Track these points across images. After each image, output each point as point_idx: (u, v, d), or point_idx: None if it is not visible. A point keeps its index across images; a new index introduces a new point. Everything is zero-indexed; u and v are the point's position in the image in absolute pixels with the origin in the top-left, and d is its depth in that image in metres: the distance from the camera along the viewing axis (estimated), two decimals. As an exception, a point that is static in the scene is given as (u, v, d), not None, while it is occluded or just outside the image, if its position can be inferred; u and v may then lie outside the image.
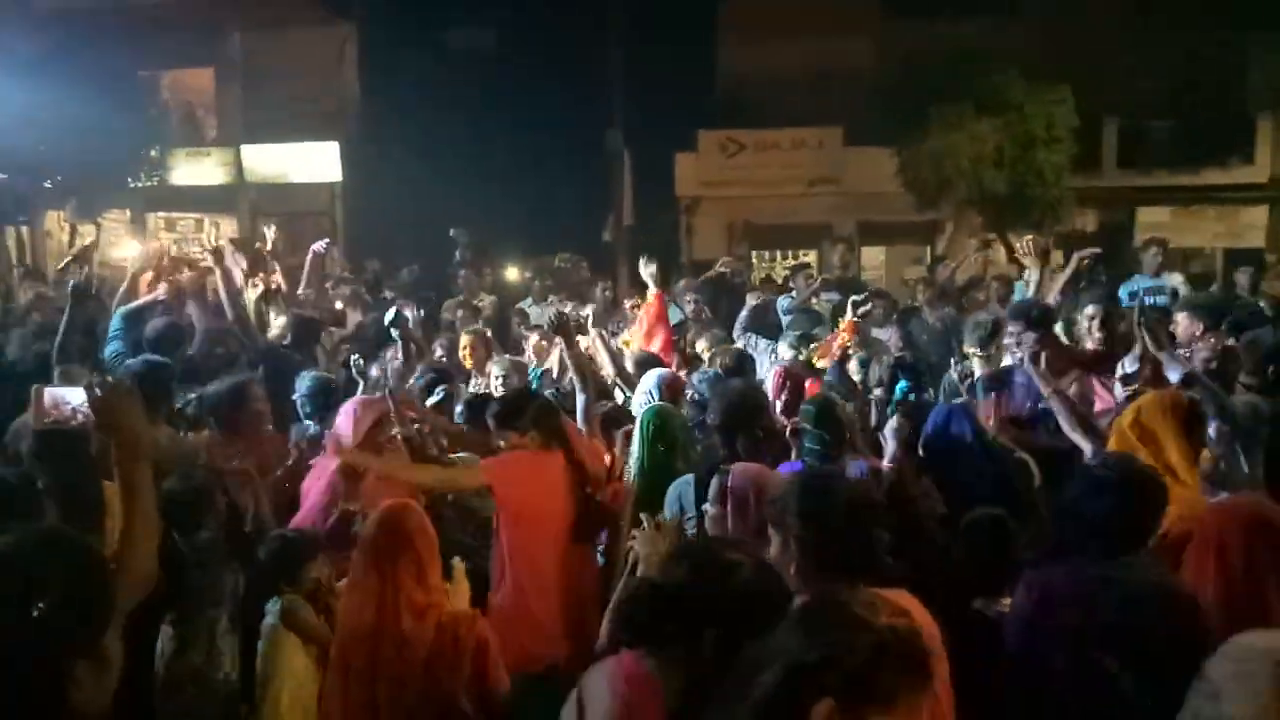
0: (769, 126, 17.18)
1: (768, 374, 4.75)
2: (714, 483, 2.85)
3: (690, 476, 3.19)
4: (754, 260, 18.48)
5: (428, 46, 17.77)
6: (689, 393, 4.38)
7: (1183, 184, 16.42)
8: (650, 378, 4.17)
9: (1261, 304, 6.27)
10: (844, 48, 17.28)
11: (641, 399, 4.11)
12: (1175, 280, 7.00)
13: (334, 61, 17.84)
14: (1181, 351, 4.19)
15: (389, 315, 5.00)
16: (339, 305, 7.96)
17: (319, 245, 7.21)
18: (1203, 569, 2.42)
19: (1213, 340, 4.31)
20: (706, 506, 2.86)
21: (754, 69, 17.50)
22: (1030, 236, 6.15)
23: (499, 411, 3.68)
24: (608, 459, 3.86)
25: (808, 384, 4.56)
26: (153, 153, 14.93)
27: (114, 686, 1.68)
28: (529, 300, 7.97)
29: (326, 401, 4.31)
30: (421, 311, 7.00)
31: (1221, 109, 16.52)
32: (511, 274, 10.94)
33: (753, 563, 1.90)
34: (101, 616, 1.67)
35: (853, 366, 4.97)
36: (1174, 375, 3.68)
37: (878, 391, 4.56)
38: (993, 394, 4.22)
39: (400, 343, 4.92)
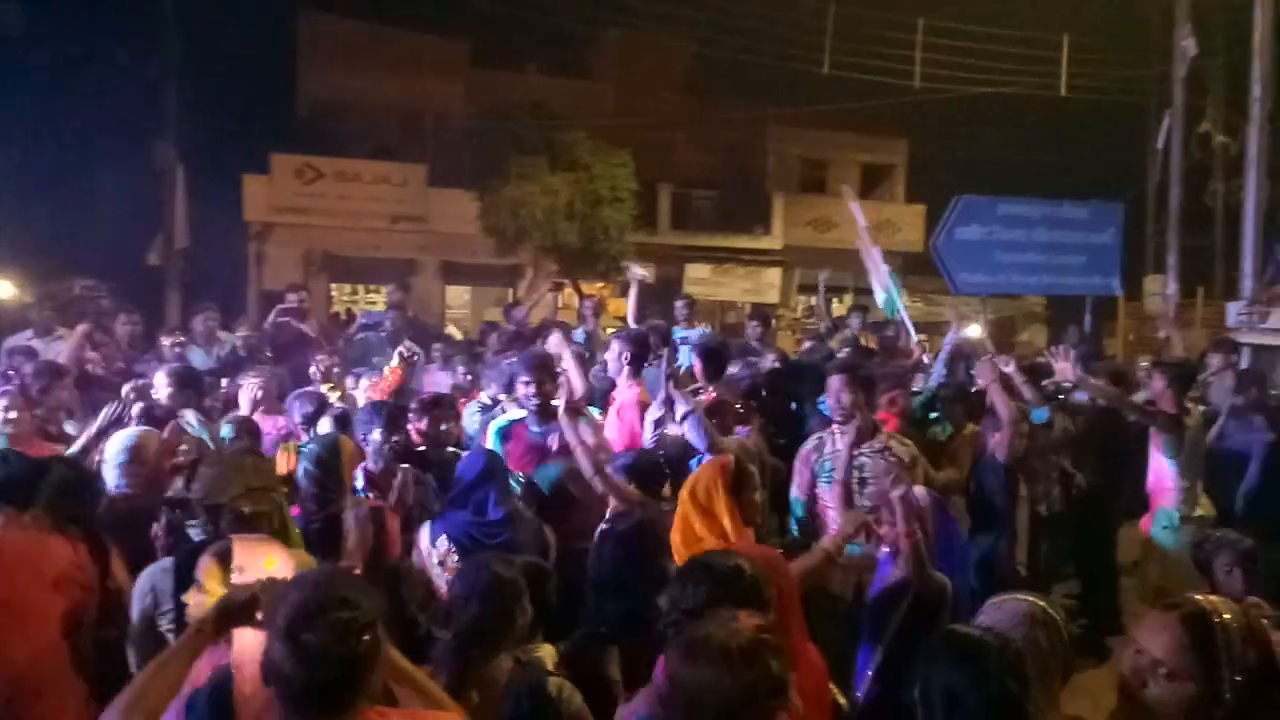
0: (353, 156, 16.68)
1: None
2: (203, 563, 2.49)
3: (168, 561, 2.76)
4: (333, 292, 17.71)
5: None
6: None
7: (719, 245, 19.14)
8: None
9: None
10: (433, 89, 17.46)
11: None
12: (699, 330, 8.04)
13: None
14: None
15: None
16: None
17: None
18: None
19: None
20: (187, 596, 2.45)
21: (338, 97, 16.93)
22: (595, 290, 6.67)
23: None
24: None
25: None
26: None
27: None
28: (29, 334, 6.62)
29: None
30: None
31: (748, 185, 19.69)
32: (4, 291, 8.89)
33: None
34: None
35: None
36: (680, 407, 4.18)
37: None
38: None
39: None
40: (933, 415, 5.74)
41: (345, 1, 17.13)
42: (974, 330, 7.98)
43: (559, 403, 4.08)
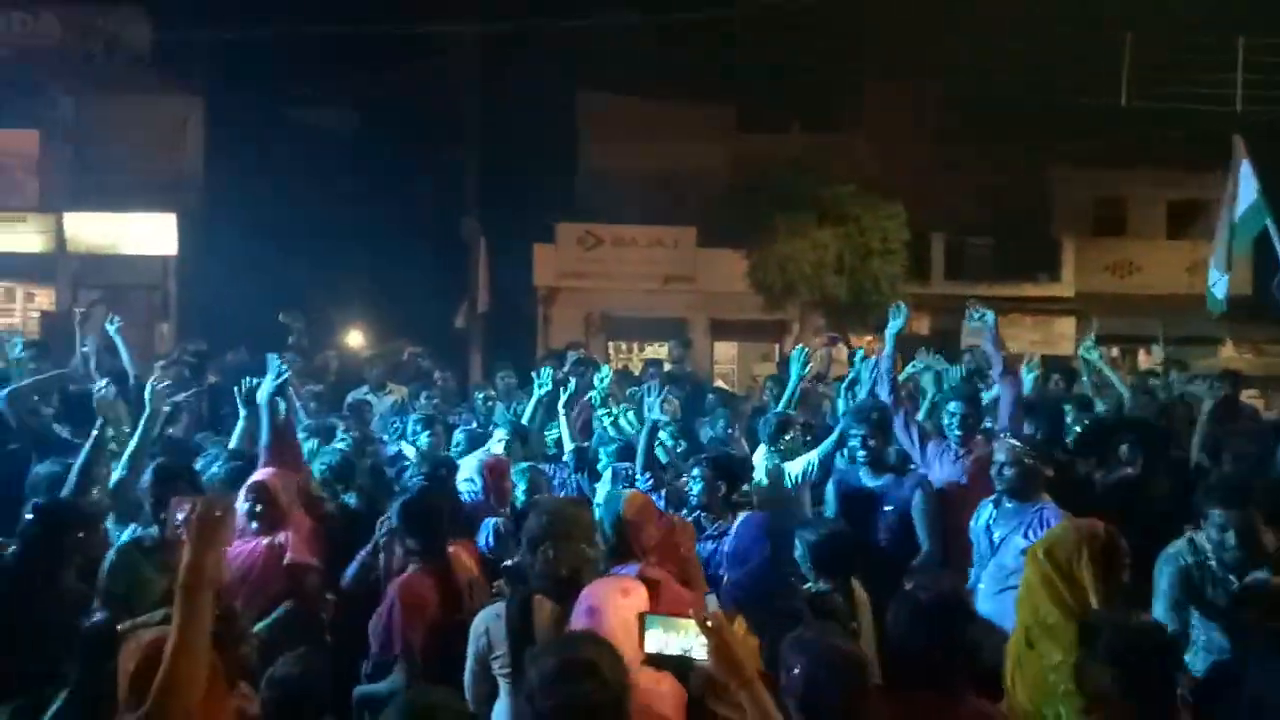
0: (627, 222, 17.60)
1: None
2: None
3: (500, 606, 2.87)
4: (610, 351, 18.64)
5: (279, 123, 17.27)
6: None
7: (1001, 295, 17.81)
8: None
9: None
10: (700, 152, 18.06)
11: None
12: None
13: (175, 132, 17.04)
14: None
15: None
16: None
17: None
18: None
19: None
20: None
21: (613, 166, 18.00)
22: (865, 343, 6.45)
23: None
24: None
25: None
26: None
27: None
28: (365, 389, 7.58)
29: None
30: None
31: (1032, 230, 18.31)
32: (355, 340, 10.34)
33: None
34: None
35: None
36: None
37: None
38: None
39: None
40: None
41: (619, 79, 18.30)
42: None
43: None
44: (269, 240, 14.17)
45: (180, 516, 2.07)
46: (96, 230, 16.44)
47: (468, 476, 4.18)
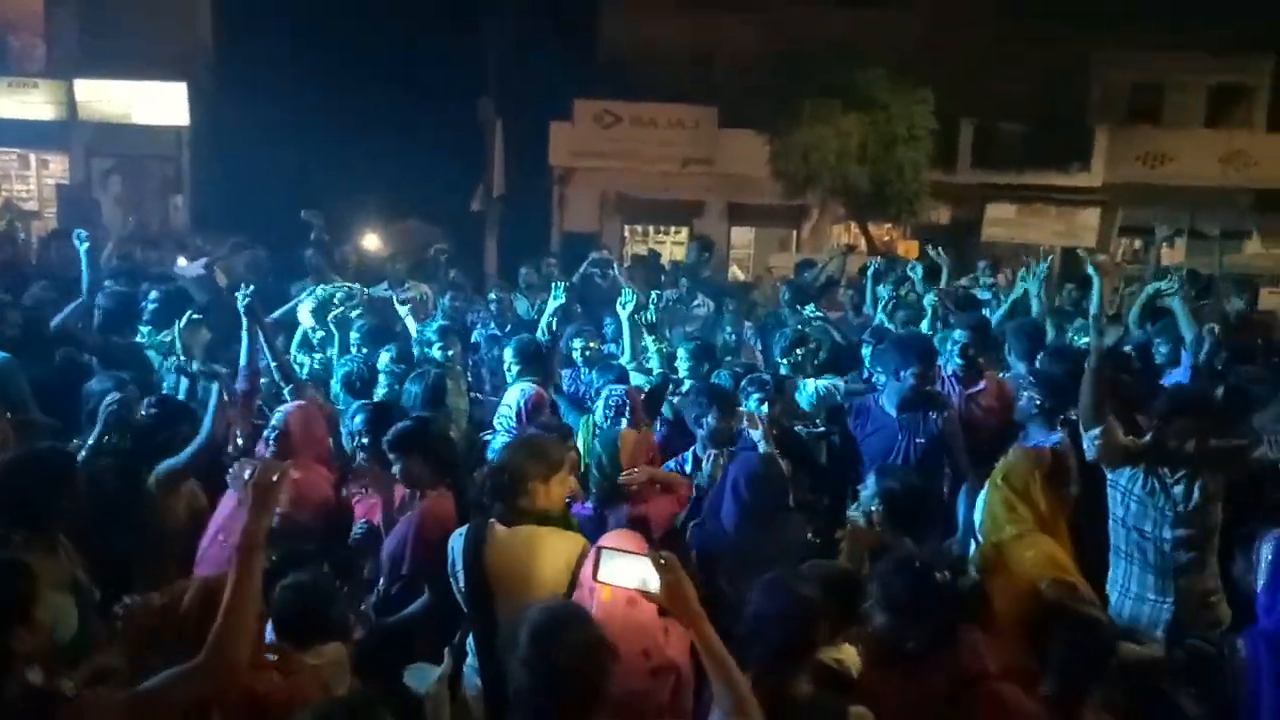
0: (647, 100, 17.06)
1: None
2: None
3: (465, 529, 2.99)
4: (626, 234, 18.49)
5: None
6: None
7: (1028, 184, 17.46)
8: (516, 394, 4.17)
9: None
10: (728, 28, 17.25)
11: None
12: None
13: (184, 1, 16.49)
14: None
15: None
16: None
17: None
18: None
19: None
20: None
21: (637, 41, 17.28)
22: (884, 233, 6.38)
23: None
24: None
25: None
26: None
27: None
28: (384, 285, 7.63)
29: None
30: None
31: (1066, 117, 17.66)
32: (371, 242, 10.36)
33: None
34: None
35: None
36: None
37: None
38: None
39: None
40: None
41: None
42: None
43: None
44: (281, 117, 13.96)
45: (246, 475, 2.18)
46: (108, 98, 16.20)
47: (508, 403, 4.20)
